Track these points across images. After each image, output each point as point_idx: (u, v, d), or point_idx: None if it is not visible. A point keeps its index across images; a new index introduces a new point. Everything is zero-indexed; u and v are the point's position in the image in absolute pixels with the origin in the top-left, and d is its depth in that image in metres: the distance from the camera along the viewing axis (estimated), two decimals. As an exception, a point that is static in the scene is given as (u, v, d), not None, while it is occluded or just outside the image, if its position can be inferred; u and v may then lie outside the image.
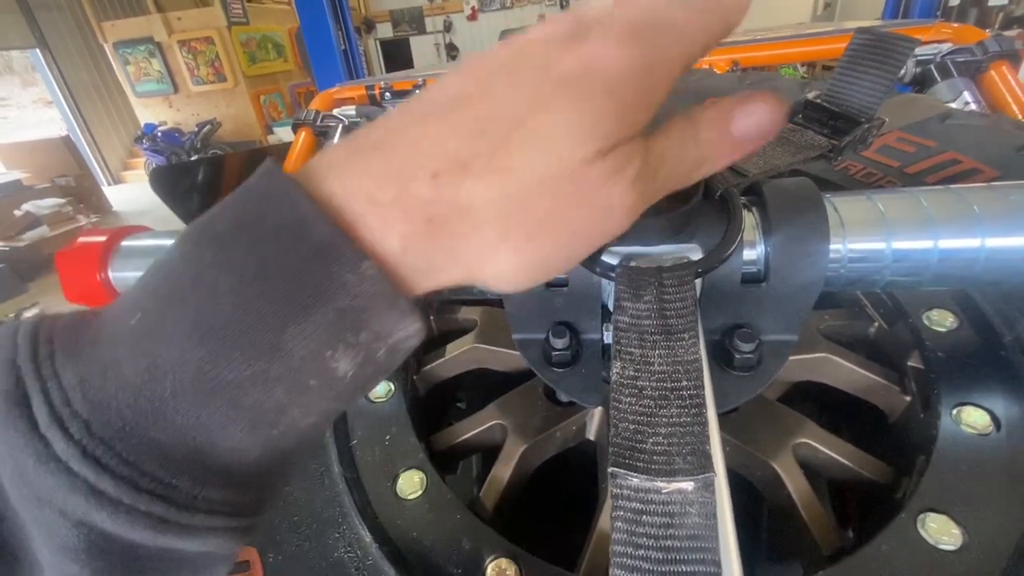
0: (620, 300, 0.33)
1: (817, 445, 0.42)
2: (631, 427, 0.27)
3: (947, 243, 0.34)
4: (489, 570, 0.35)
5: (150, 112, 7.33)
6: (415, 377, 0.55)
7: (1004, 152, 0.53)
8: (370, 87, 1.57)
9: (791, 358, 0.48)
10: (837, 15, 6.75)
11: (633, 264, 0.34)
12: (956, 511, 0.34)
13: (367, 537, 0.36)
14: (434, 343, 0.59)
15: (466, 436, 0.48)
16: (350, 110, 1.47)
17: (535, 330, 0.42)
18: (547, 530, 0.46)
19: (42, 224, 4.92)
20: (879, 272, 0.36)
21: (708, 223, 0.36)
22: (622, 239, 0.37)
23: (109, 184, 7.36)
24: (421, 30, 8.69)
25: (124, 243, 0.49)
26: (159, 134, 6.69)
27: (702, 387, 0.28)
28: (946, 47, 1.21)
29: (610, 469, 0.26)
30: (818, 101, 0.48)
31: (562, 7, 8.10)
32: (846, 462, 0.41)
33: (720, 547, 0.24)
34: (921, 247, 0.35)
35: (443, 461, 0.47)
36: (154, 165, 6.76)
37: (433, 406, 0.56)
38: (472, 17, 8.52)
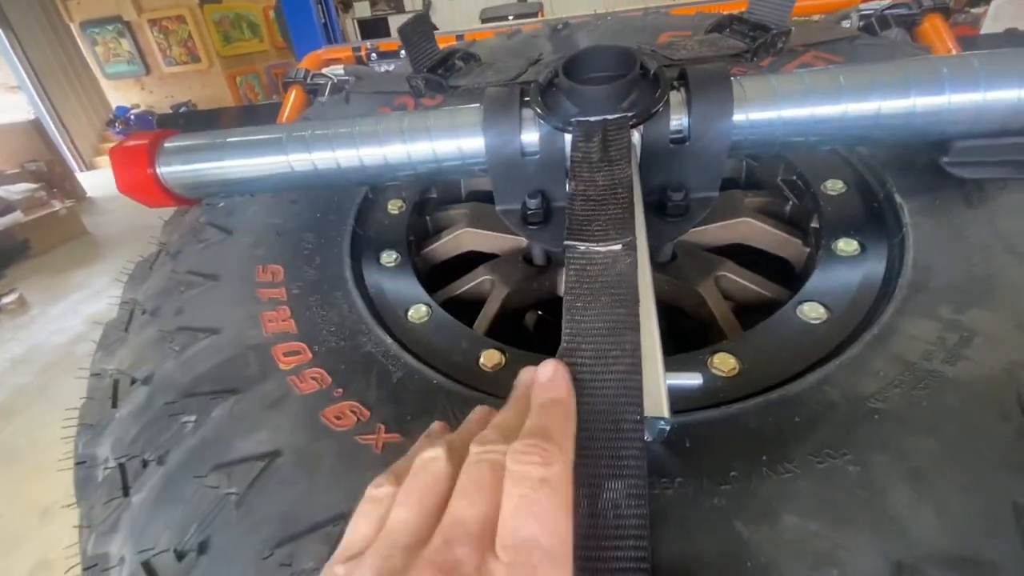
0: (576, 142, 0.44)
1: (733, 276, 0.54)
2: (580, 216, 0.39)
3: (821, 110, 0.46)
4: (482, 357, 0.47)
5: (121, 95, 7.16)
6: (416, 259, 0.65)
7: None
8: (356, 49, 1.64)
9: (720, 223, 0.60)
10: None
11: (584, 118, 0.45)
12: (825, 299, 0.46)
13: (388, 339, 0.47)
14: (429, 236, 0.69)
15: (463, 289, 0.59)
16: (338, 69, 1.54)
17: (514, 200, 0.53)
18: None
19: (16, 209, 4.83)
20: (773, 135, 0.48)
21: (644, 97, 0.47)
22: (580, 110, 0.48)
23: (81, 170, 7.20)
24: (399, 9, 8.59)
25: (168, 143, 0.58)
26: (132, 117, 6.56)
27: (631, 193, 0.40)
28: (886, 2, 1.33)
29: (566, 242, 0.38)
30: (742, 15, 0.60)
31: (540, -15, 8.08)
32: (753, 286, 0.53)
33: (641, 283, 0.35)
34: (802, 114, 0.46)
35: (448, 309, 0.58)
36: (129, 149, 6.63)
37: (433, 283, 0.66)
38: (450, -5, 8.45)
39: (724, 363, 0.43)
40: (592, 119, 0.46)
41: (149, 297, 0.56)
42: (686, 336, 0.56)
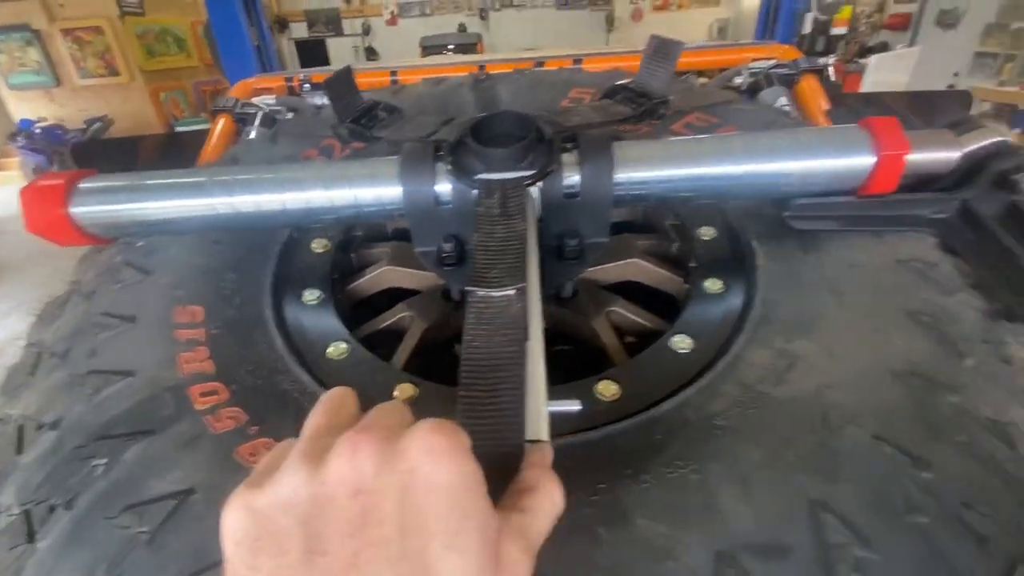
0: (480, 198, 0.51)
1: (622, 311, 0.61)
2: (480, 265, 0.45)
3: (684, 172, 0.55)
4: (397, 390, 0.51)
5: (27, 107, 6.60)
6: (339, 296, 0.69)
7: (758, 127, 0.77)
8: (289, 79, 1.65)
9: (615, 263, 0.68)
10: (729, 36, 7.59)
11: (487, 176, 0.52)
12: (692, 332, 0.54)
13: (305, 377, 0.50)
14: (354, 273, 0.73)
15: (383, 325, 0.63)
16: (269, 99, 1.54)
17: (431, 243, 0.58)
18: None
19: None
20: (648, 191, 0.56)
21: (542, 158, 0.54)
22: (486, 168, 0.54)
23: (-23, 184, 6.52)
24: (338, 32, 8.57)
25: (83, 184, 0.59)
26: (37, 131, 6.05)
27: (525, 244, 0.46)
28: (771, 63, 1.53)
29: (467, 288, 0.44)
30: (629, 85, 0.70)
31: (481, 17, 8.36)
32: (638, 319, 0.61)
33: (531, 324, 0.41)
34: (670, 174, 0.55)
35: (369, 346, 0.61)
36: (33, 165, 6.11)
37: (359, 319, 0.70)
38: (392, 22, 8.55)
39: (607, 389, 0.49)
40: (494, 177, 0.52)
41: (60, 339, 0.55)
42: (589, 363, 0.63)
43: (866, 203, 0.58)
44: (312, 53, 8.12)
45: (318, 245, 0.69)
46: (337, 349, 0.55)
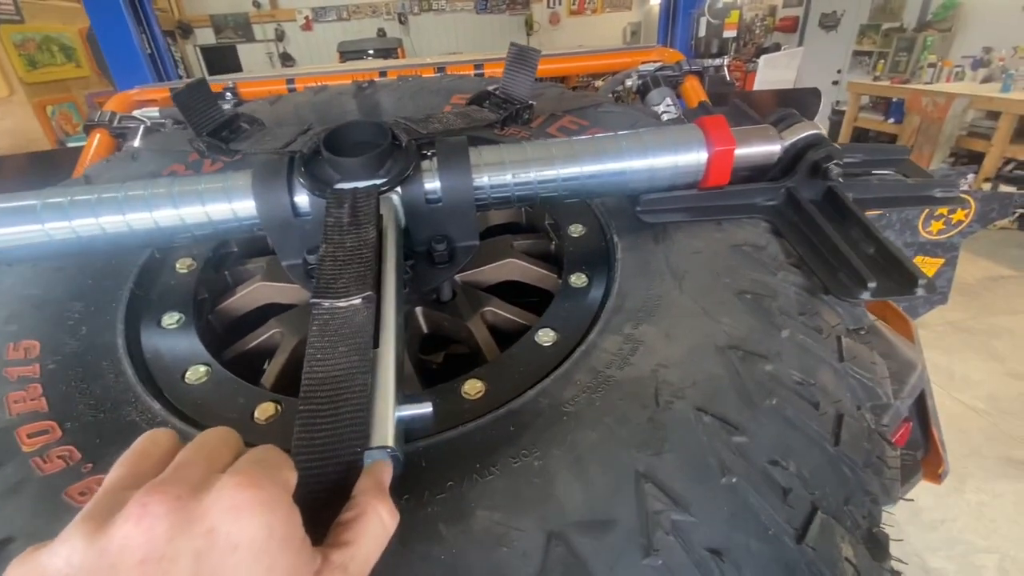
0: (330, 208, 0.51)
1: (496, 310, 0.63)
2: (326, 276, 0.45)
3: (541, 173, 0.57)
4: (257, 411, 0.49)
5: None
6: (211, 317, 0.66)
7: (625, 126, 0.81)
8: (174, 89, 1.56)
9: (492, 264, 0.70)
10: (642, 38, 7.94)
11: (338, 187, 0.52)
12: (556, 325, 0.57)
13: (156, 406, 0.48)
14: (228, 291, 0.70)
15: (254, 343, 0.61)
16: (153, 112, 1.45)
17: (296, 256, 0.57)
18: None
19: None
20: (509, 192, 0.58)
21: (400, 165, 0.55)
22: (342, 176, 0.54)
23: None
24: (250, 38, 8.14)
25: None
26: None
27: (375, 252, 0.46)
28: (657, 65, 1.62)
29: (311, 300, 0.43)
30: (495, 91, 0.72)
31: (400, 22, 8.25)
32: (512, 317, 0.63)
33: (382, 331, 0.41)
34: (528, 176, 0.57)
35: (239, 366, 0.59)
36: None
37: (232, 339, 0.67)
38: (307, 27, 8.24)
39: (472, 388, 0.51)
40: (345, 187, 0.52)
41: None
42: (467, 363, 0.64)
43: (707, 195, 0.63)
44: (222, 61, 7.66)
45: (182, 265, 0.66)
46: (196, 373, 0.53)
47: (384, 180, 0.53)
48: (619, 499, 0.38)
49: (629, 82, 1.55)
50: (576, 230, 0.70)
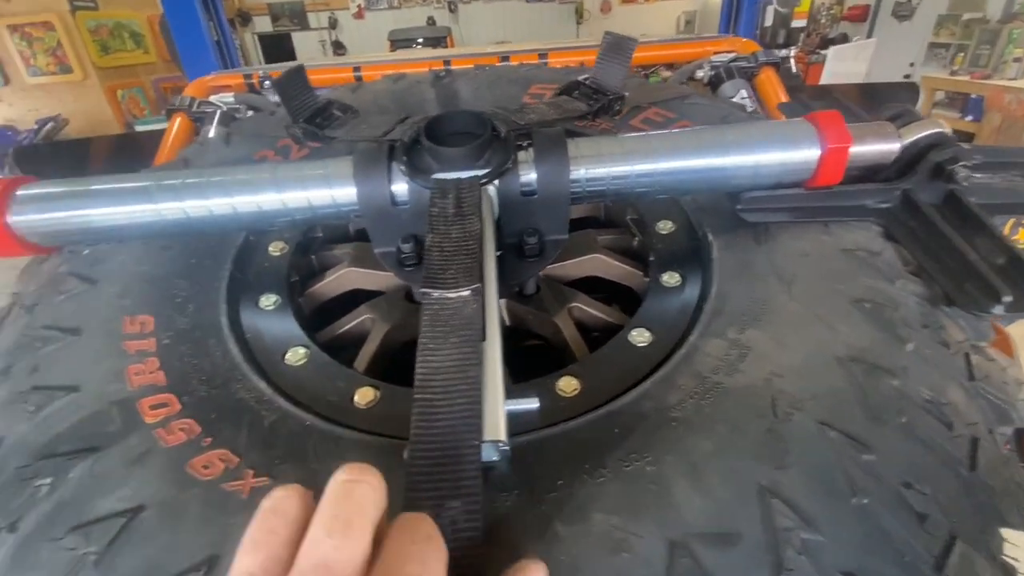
0: (434, 199, 0.50)
1: (583, 306, 0.62)
2: (435, 266, 0.45)
3: (639, 167, 0.56)
4: (356, 395, 0.50)
5: (-28, 107, 6.26)
6: (300, 299, 0.68)
7: (713, 121, 0.78)
8: (248, 76, 1.61)
9: (577, 259, 0.69)
10: (696, 29, 7.69)
11: (437, 176, 0.52)
12: (651, 325, 0.55)
13: (261, 384, 0.49)
14: (314, 275, 0.72)
15: (344, 328, 0.62)
16: (228, 97, 1.50)
17: (390, 243, 0.58)
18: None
19: None
20: (605, 187, 0.57)
21: (499, 156, 0.54)
22: (441, 166, 0.54)
23: (-81, 191, 6.15)
24: (304, 26, 8.36)
25: (21, 192, 0.56)
26: (-14, 132, 5.76)
27: (480, 244, 0.46)
28: (731, 56, 1.55)
29: (422, 289, 0.43)
30: (585, 82, 0.70)
31: (451, 10, 8.27)
32: (599, 314, 0.62)
33: (487, 323, 0.41)
34: (625, 170, 0.56)
35: (330, 351, 0.60)
36: (-19, 168, 5.82)
37: (317, 323, 0.69)
38: (359, 15, 8.39)
39: (568, 385, 0.50)
40: (447, 177, 0.52)
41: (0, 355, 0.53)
42: (552, 359, 0.64)
43: (814, 195, 0.60)
44: (277, 48, 7.90)
45: (275, 248, 0.68)
46: (295, 355, 0.54)
47: (486, 171, 0.52)
48: (743, 512, 0.36)
49: (700, 73, 1.50)
50: (664, 227, 0.68)
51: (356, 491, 0.27)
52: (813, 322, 0.49)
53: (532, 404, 0.41)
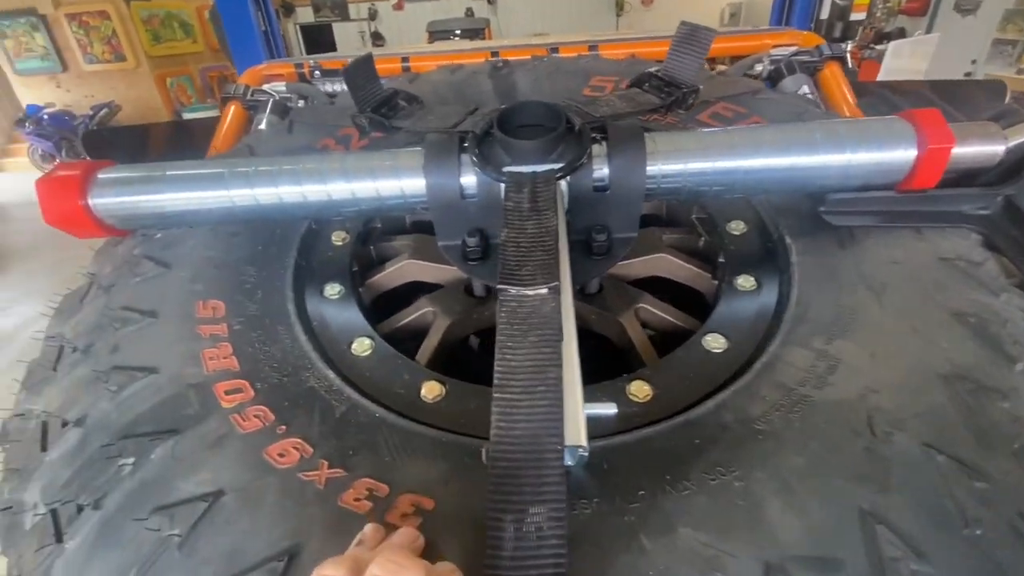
0: (508, 193, 0.49)
1: (650, 308, 0.60)
2: (511, 262, 0.43)
3: (719, 164, 0.53)
4: (423, 388, 0.50)
5: (33, 93, 6.58)
6: (360, 289, 0.68)
7: (787, 117, 0.74)
8: (299, 65, 1.63)
9: (642, 258, 0.66)
10: (742, 22, 7.44)
11: (509, 169, 0.50)
12: (726, 331, 0.53)
13: (331, 374, 0.49)
14: (373, 265, 0.72)
15: (406, 320, 0.62)
16: (280, 86, 1.52)
17: (455, 237, 0.57)
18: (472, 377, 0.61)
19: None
20: (682, 184, 0.54)
21: (571, 150, 0.52)
22: (513, 160, 0.53)
23: (-14, 171, 6.54)
24: (344, 16, 8.46)
25: (102, 175, 0.58)
26: (45, 117, 6.05)
27: (556, 240, 0.45)
28: (793, 50, 1.48)
29: (498, 285, 0.42)
30: (657, 73, 0.67)
31: (489, 2, 8.23)
32: (667, 316, 0.59)
33: (564, 323, 0.40)
34: (704, 167, 0.53)
35: (390, 342, 0.60)
36: (40, 151, 6.11)
37: (379, 312, 0.69)
38: (398, 7, 8.44)
39: (640, 390, 0.48)
40: (523, 171, 0.50)
41: (80, 334, 0.54)
42: (613, 360, 0.62)
43: (905, 198, 0.56)
44: (318, 38, 8.03)
45: (337, 237, 0.68)
46: (361, 345, 0.54)
47: (561, 165, 0.51)
48: (844, 537, 0.34)
49: (759, 67, 1.43)
50: (737, 227, 0.65)
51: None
52: (909, 335, 0.46)
53: (610, 409, 0.39)
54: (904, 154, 0.52)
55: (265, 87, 1.52)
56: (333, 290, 0.61)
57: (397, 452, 0.43)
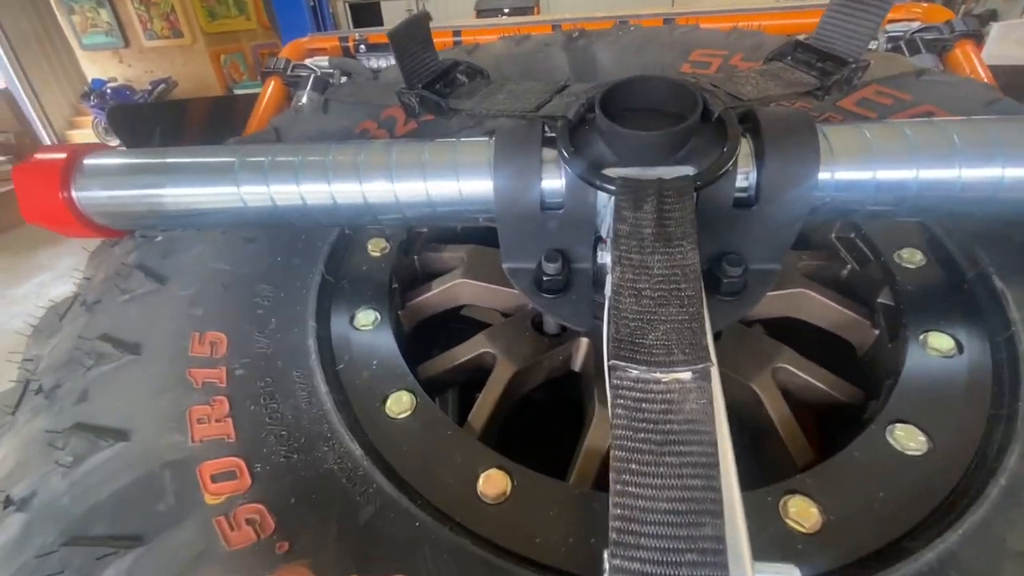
0: (620, 210, 0.33)
1: (794, 370, 0.43)
2: (631, 325, 0.28)
3: (927, 173, 0.36)
4: (481, 481, 0.35)
5: (98, 67, 6.83)
6: (400, 312, 0.54)
7: (975, 107, 0.55)
8: (343, 39, 1.50)
9: (770, 293, 0.49)
10: None
11: (611, 172, 0.35)
12: (922, 421, 0.36)
13: (357, 451, 0.36)
14: (417, 281, 0.58)
15: (456, 363, 0.48)
16: (323, 61, 1.40)
17: (527, 259, 0.42)
18: (535, 451, 0.47)
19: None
20: (862, 202, 0.37)
21: (704, 146, 0.36)
22: (620, 159, 0.37)
23: (53, 143, 6.86)
24: (393, -6, 8.35)
25: (88, 161, 0.46)
26: (108, 91, 6.27)
27: (700, 288, 0.29)
28: (915, 25, 1.24)
29: (610, 363, 0.27)
30: (808, 42, 0.49)
31: (540, -19, 7.91)
32: (821, 385, 0.43)
33: (716, 430, 0.24)
34: (903, 176, 0.36)
35: (432, 388, 0.46)
36: (103, 124, 6.34)
37: (421, 340, 0.55)
38: (447, -16, 8.24)
39: (804, 514, 0.32)
40: (642, 176, 0.35)
41: (48, 368, 0.43)
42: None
43: None
44: (367, 16, 7.97)
45: (375, 247, 0.54)
46: (399, 403, 0.41)
47: (697, 170, 0.35)
48: None
49: (874, 45, 1.20)
50: (911, 258, 0.47)
51: None
52: None
53: (792, 574, 0.24)
54: None
55: (307, 62, 1.41)
56: (367, 319, 0.47)
57: (445, 590, 0.29)
